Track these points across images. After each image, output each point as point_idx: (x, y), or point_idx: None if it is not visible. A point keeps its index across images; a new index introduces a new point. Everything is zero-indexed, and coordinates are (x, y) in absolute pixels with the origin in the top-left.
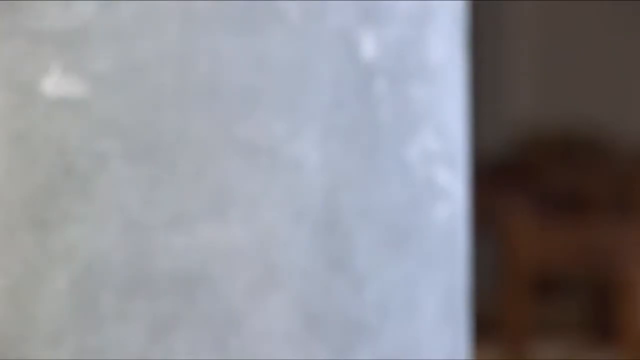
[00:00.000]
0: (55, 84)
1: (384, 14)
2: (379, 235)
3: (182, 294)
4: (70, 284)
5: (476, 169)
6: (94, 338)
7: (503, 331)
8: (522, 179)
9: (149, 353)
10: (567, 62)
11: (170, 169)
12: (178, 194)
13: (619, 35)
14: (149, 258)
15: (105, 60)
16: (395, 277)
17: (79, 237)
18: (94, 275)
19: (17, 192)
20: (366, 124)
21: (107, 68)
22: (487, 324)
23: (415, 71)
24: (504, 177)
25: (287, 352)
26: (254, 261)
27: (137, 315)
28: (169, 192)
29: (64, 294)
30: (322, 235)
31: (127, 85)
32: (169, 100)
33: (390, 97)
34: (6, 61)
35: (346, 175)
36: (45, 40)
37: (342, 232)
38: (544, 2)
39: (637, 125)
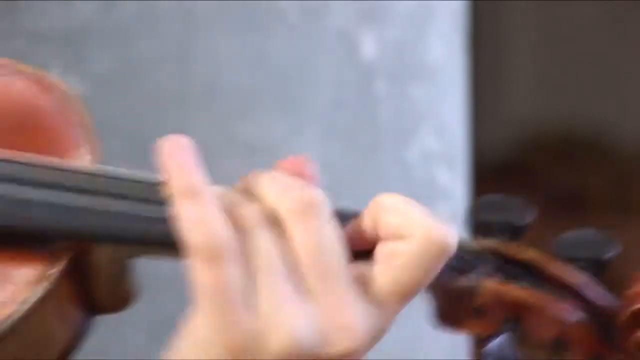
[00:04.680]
0: None
1: (384, 14)
2: None
3: (183, 294)
4: None
5: (476, 169)
6: (94, 338)
7: None
8: (522, 179)
9: (149, 353)
10: (567, 62)
11: None
12: None
13: (619, 35)
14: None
15: (105, 60)
16: None
17: None
18: None
19: None
20: (366, 124)
21: (107, 68)
22: None
23: (415, 71)
24: (504, 177)
25: None
26: None
27: (137, 316)
28: None
29: None
30: None
31: (127, 85)
32: (169, 100)
33: (390, 97)
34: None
35: (346, 175)
36: (45, 40)
37: None
38: (544, 2)
39: (637, 125)
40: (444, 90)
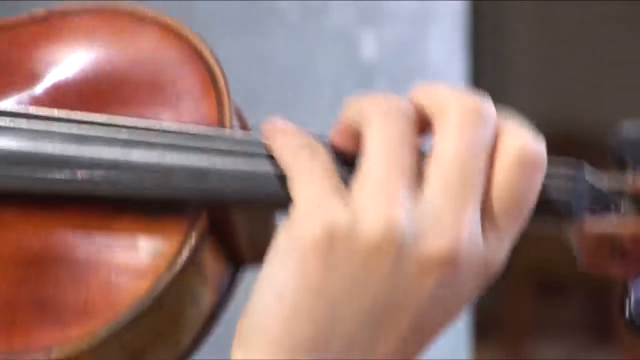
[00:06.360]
0: None
1: (384, 14)
2: None
3: None
4: None
5: None
6: None
7: (503, 331)
8: None
9: None
10: (567, 62)
11: None
12: None
13: (620, 36)
14: None
15: None
16: None
17: None
18: None
19: None
20: None
21: None
22: (487, 324)
23: (415, 71)
24: None
25: None
26: None
27: None
28: None
29: None
30: None
31: None
32: None
33: None
34: None
35: None
36: None
37: None
38: (544, 2)
39: None
40: None
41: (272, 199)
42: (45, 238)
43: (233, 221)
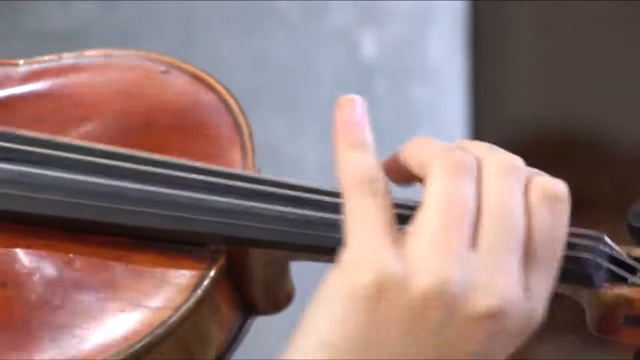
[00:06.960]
0: None
1: (384, 14)
2: None
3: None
4: None
5: None
6: None
7: None
8: None
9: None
10: (567, 62)
11: None
12: None
13: (620, 36)
14: None
15: None
16: None
17: None
18: None
19: None
20: None
21: None
22: None
23: (415, 71)
24: None
25: None
26: None
27: None
28: None
29: None
30: None
31: None
32: None
33: (390, 97)
34: None
35: None
36: (45, 41)
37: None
38: (544, 2)
39: (637, 125)
40: (444, 90)
41: (294, 241)
42: (64, 264)
43: (250, 263)
